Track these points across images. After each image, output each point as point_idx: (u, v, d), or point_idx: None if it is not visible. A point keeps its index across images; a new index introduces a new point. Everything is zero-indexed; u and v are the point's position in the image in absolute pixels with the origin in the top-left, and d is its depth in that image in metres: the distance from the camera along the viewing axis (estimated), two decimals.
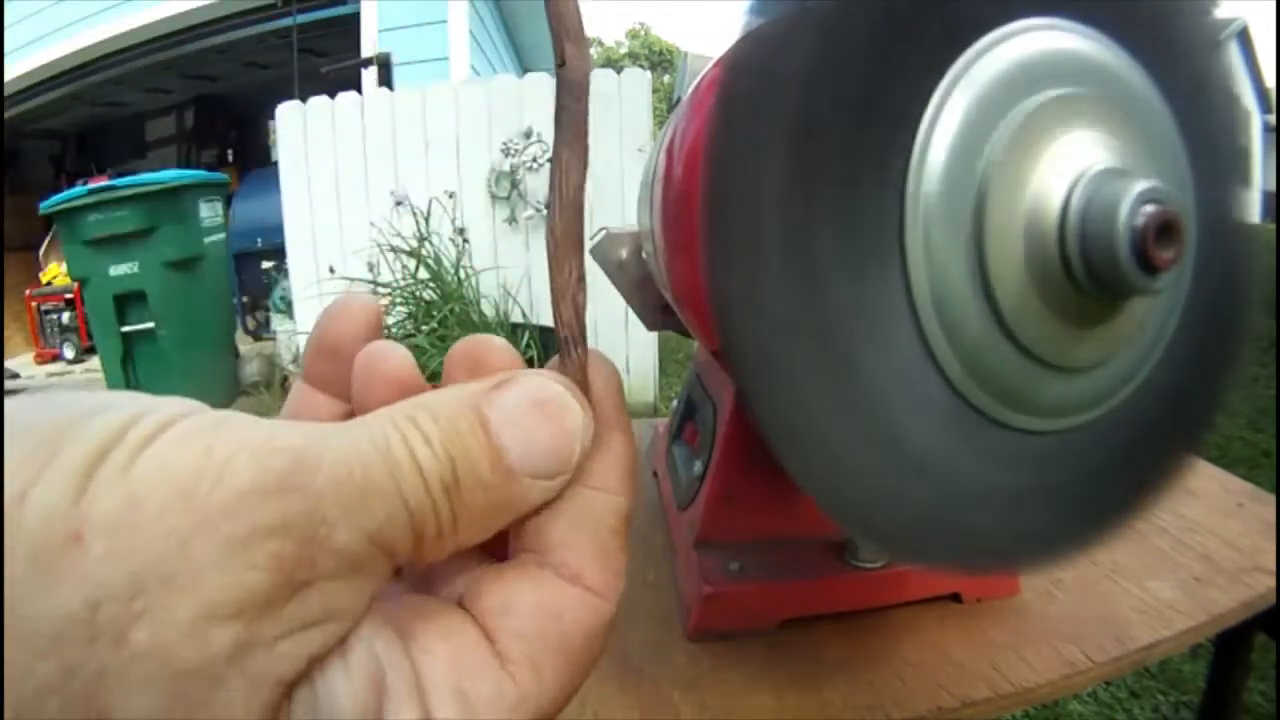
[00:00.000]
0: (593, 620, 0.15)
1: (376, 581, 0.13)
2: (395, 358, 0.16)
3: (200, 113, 6.12)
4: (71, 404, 0.12)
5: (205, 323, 3.05)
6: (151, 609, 0.10)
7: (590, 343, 0.16)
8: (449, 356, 0.17)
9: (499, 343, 0.17)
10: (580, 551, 0.15)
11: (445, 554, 0.14)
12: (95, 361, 3.38)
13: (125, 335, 2.88)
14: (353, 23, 3.22)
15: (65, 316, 4.19)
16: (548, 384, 0.15)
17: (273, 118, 2.69)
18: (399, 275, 2.29)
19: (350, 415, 0.18)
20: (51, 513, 0.10)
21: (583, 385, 0.16)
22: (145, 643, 0.10)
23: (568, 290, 0.16)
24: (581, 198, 0.16)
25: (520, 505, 0.14)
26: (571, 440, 0.15)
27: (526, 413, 0.14)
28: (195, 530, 0.11)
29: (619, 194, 2.45)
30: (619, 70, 2.59)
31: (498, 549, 0.17)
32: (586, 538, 0.15)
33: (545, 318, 2.46)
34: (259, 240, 3.28)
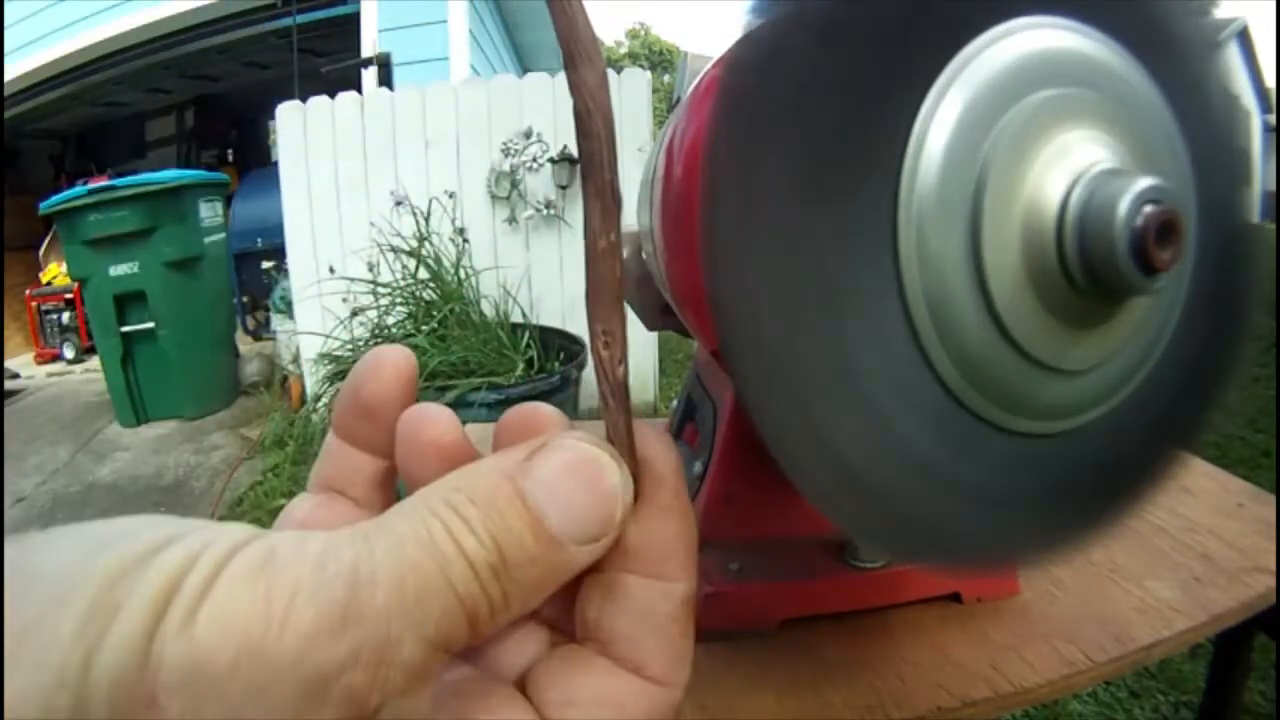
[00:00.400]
0: (655, 710, 0.15)
1: (436, 677, 0.13)
2: (440, 424, 0.17)
3: (200, 113, 6.11)
4: (121, 545, 0.12)
5: (205, 323, 3.05)
6: None
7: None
8: (500, 425, 0.17)
9: (547, 411, 0.17)
10: (641, 643, 0.15)
11: (499, 629, 0.14)
12: (95, 361, 3.38)
13: (125, 335, 2.88)
14: (353, 23, 3.22)
15: (65, 316, 4.19)
16: (582, 446, 0.15)
17: (273, 118, 2.69)
18: (399, 275, 2.29)
19: (392, 472, 0.18)
20: (123, 680, 0.10)
21: (626, 441, 0.16)
22: None
23: (599, 349, 0.16)
24: (614, 249, 0.16)
25: (569, 570, 0.15)
26: (612, 501, 0.15)
27: (563, 478, 0.14)
28: (268, 683, 0.11)
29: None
30: (619, 70, 2.58)
31: (551, 612, 0.17)
32: (646, 628, 0.15)
33: (545, 318, 2.46)
34: (259, 240, 3.28)
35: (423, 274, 2.28)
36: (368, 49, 3.09)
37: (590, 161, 0.15)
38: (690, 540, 0.16)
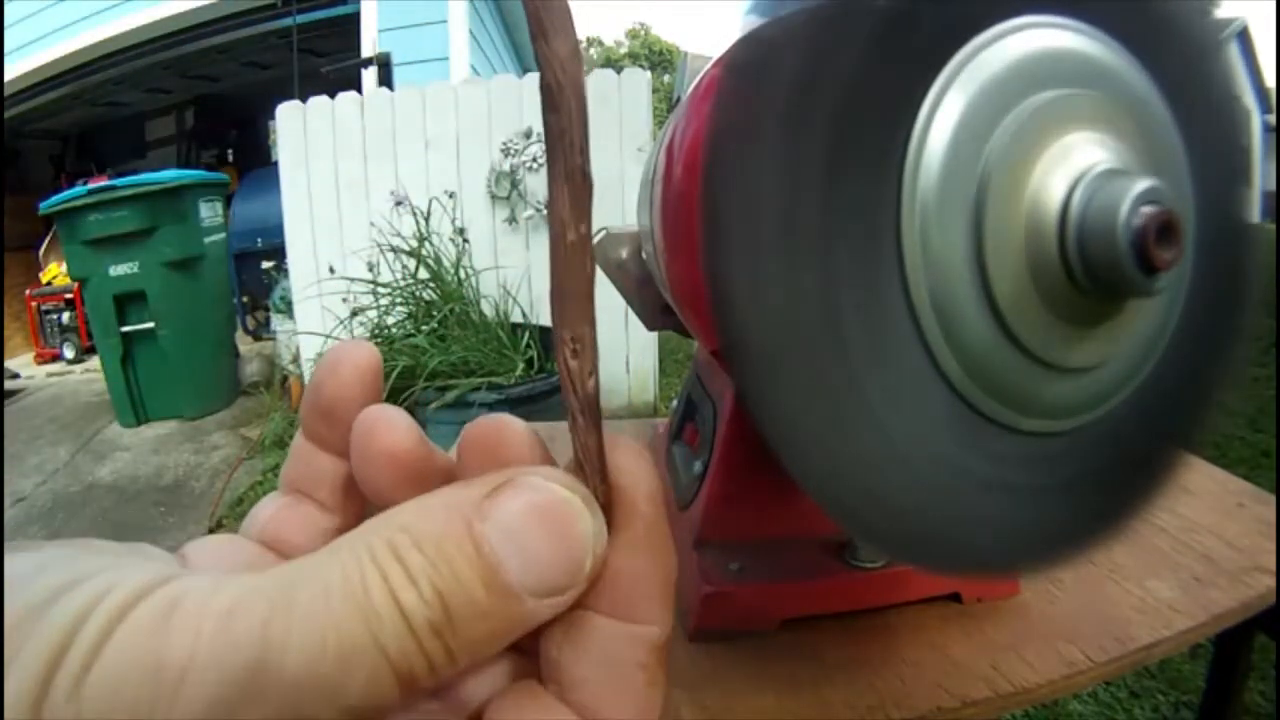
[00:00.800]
0: None
1: None
2: (396, 431, 0.15)
3: (200, 113, 6.12)
4: (28, 586, 0.11)
5: (205, 323, 3.05)
6: None
7: None
8: (463, 440, 0.15)
9: (516, 429, 0.15)
10: (602, 691, 0.14)
11: (448, 682, 0.13)
12: (95, 361, 3.38)
13: (125, 335, 2.88)
14: (353, 23, 3.22)
15: (65, 316, 4.19)
16: (550, 487, 0.13)
17: (273, 118, 2.69)
18: (399, 275, 2.29)
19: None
20: None
21: (596, 464, 0.14)
22: None
23: (565, 358, 0.14)
24: (585, 243, 0.14)
25: (525, 625, 0.13)
26: (580, 551, 0.13)
27: (526, 523, 0.13)
28: None
29: (619, 194, 2.45)
30: (619, 70, 2.58)
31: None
32: (609, 675, 0.14)
33: (545, 318, 2.46)
34: (259, 240, 3.28)
35: (423, 274, 2.28)
36: (368, 49, 3.10)
37: (559, 142, 0.13)
38: (667, 579, 0.14)
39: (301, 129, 2.60)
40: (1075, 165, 0.21)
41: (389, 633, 0.11)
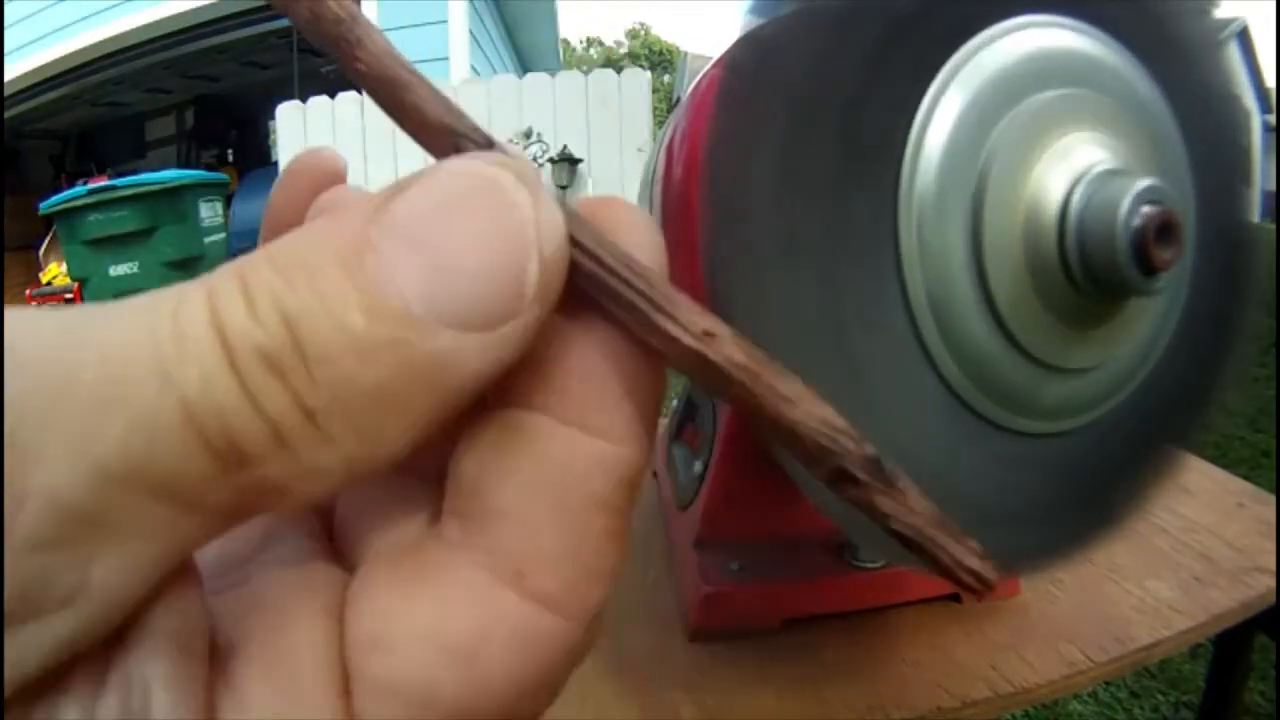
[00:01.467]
0: (533, 649, 0.09)
1: (142, 549, 0.07)
2: (321, 156, 0.12)
3: (200, 113, 6.12)
4: None
5: None
6: None
7: None
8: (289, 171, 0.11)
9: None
10: (535, 533, 0.09)
11: (329, 477, 0.08)
12: None
13: None
14: None
15: None
16: (477, 165, 0.09)
17: (273, 118, 2.70)
18: None
19: None
20: None
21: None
22: None
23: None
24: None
25: (447, 376, 0.08)
26: (519, 250, 0.08)
27: (435, 217, 0.08)
28: None
29: (619, 194, 2.45)
30: (619, 70, 2.59)
31: None
32: (549, 509, 0.09)
33: None
34: (259, 240, 3.27)
35: None
36: None
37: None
38: (651, 385, 0.10)
39: (301, 129, 2.60)
40: (1074, 165, 0.21)
41: (175, 362, 0.07)
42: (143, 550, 0.07)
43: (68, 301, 4.08)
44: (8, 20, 3.81)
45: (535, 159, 2.49)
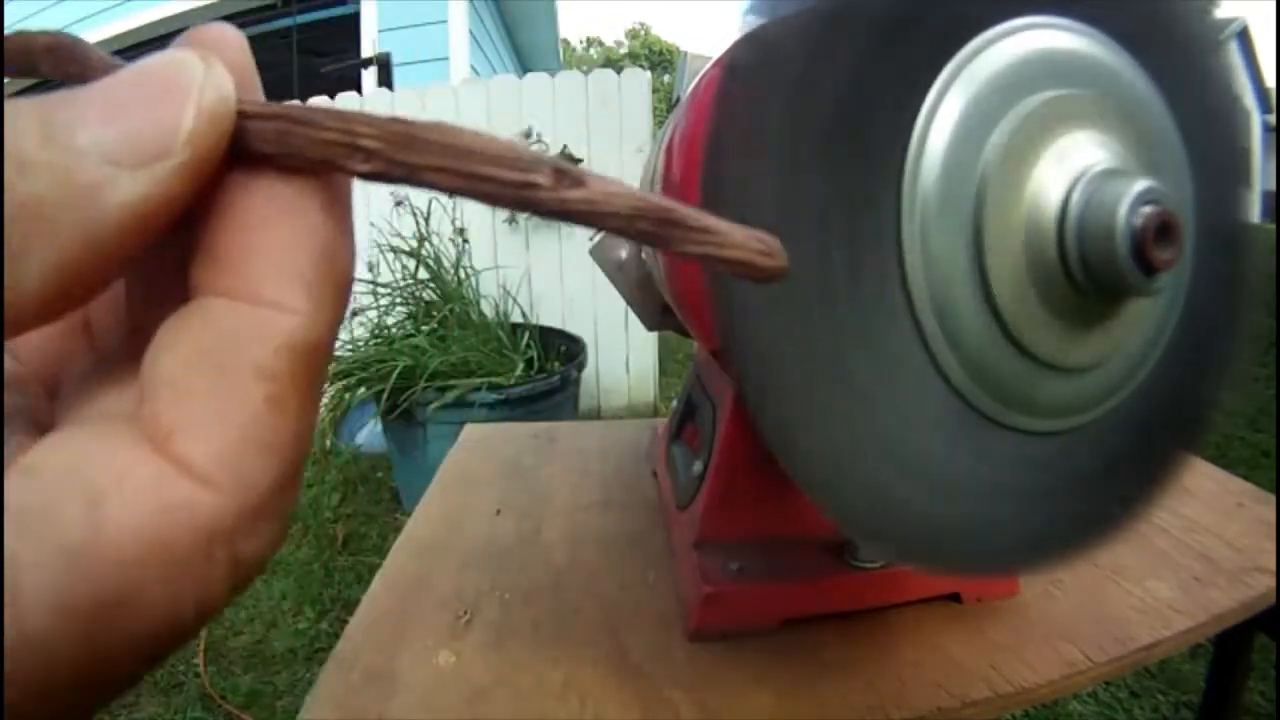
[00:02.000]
0: (168, 513, 0.09)
1: None
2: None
3: None
4: None
5: None
6: None
7: (590, 343, 0.14)
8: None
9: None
10: (188, 399, 0.09)
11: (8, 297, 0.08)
12: None
13: None
14: (353, 23, 3.22)
15: None
16: (172, 49, 0.10)
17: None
18: (399, 275, 2.29)
19: None
20: None
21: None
22: None
23: None
24: None
25: (89, 212, 0.09)
26: (176, 97, 0.09)
27: (109, 85, 0.09)
28: None
29: None
30: (619, 70, 2.59)
31: None
32: (205, 378, 0.09)
33: (545, 318, 2.46)
34: None
35: (423, 274, 2.28)
36: (368, 49, 3.10)
37: None
38: (321, 253, 0.10)
39: None
40: (1074, 165, 0.21)
41: None
42: None
43: None
44: (8, 20, 3.81)
45: None
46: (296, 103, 0.11)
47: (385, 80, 3.01)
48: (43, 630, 0.08)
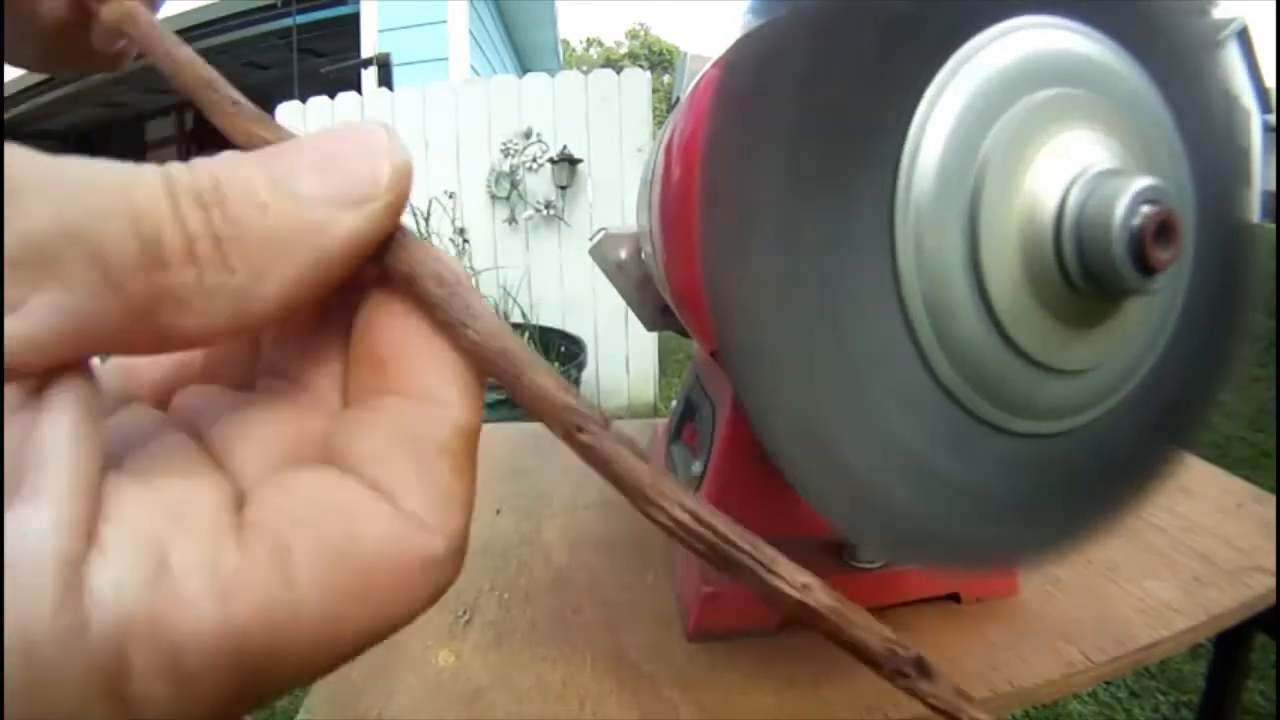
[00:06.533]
0: (400, 546, 0.11)
1: (69, 301, 0.09)
2: None
3: (200, 114, 6.10)
4: None
5: None
6: None
7: (590, 343, 0.15)
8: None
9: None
10: (396, 468, 0.12)
11: (221, 304, 0.11)
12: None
13: None
14: (353, 23, 3.22)
15: None
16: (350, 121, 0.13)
17: (273, 118, 2.69)
18: None
19: None
20: None
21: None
22: None
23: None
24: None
25: (321, 241, 0.11)
26: (377, 154, 0.12)
27: (323, 137, 0.12)
28: None
29: (619, 194, 2.45)
30: (619, 70, 2.59)
31: None
32: (404, 453, 0.12)
33: (545, 318, 2.46)
34: None
35: None
36: (368, 49, 3.10)
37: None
38: (470, 364, 0.13)
39: (302, 129, 2.60)
40: (1072, 164, 0.21)
41: (138, 185, 0.10)
42: (68, 302, 0.09)
43: None
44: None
45: (535, 159, 2.49)
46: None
47: (385, 80, 3.01)
48: (311, 602, 0.10)
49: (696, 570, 0.40)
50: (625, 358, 2.58)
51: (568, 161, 2.45)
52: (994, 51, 0.21)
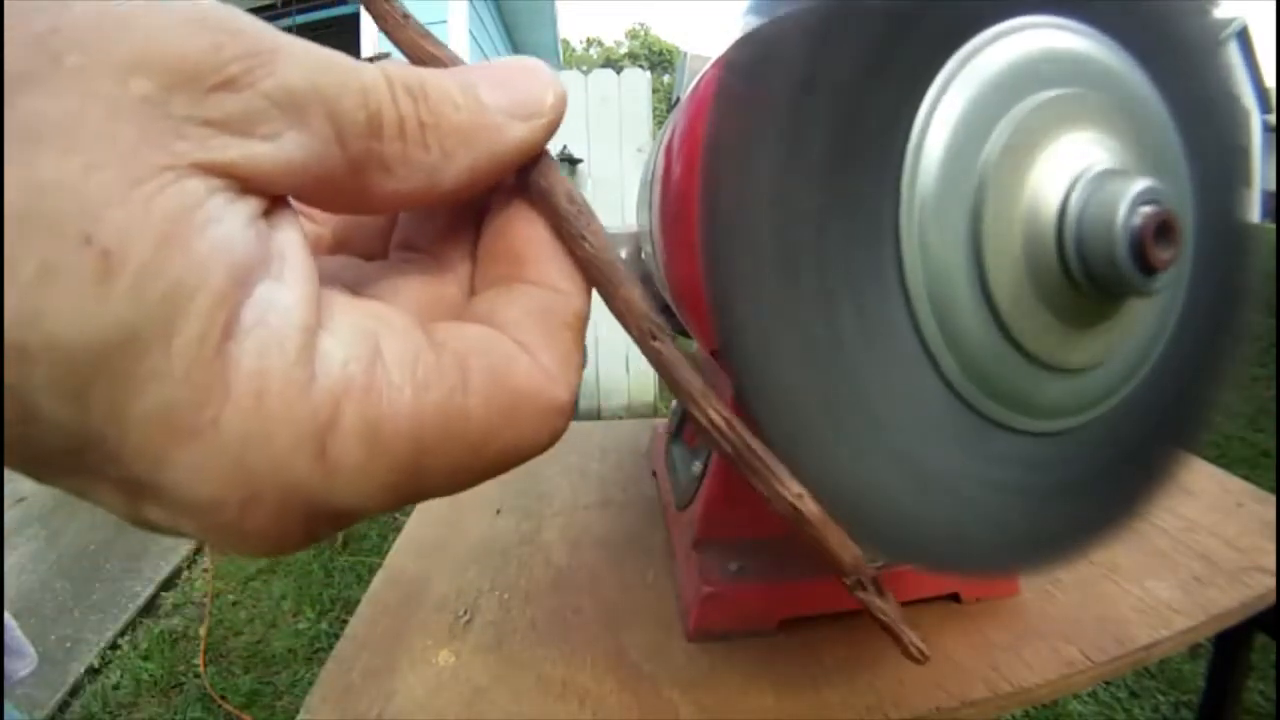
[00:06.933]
0: (539, 388, 0.14)
1: (310, 144, 0.12)
2: None
3: None
4: None
5: None
6: (87, 46, 0.10)
7: (590, 344, 0.16)
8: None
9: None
10: (532, 334, 0.15)
11: (417, 174, 0.13)
12: None
13: None
14: (353, 23, 3.22)
15: None
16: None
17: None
18: None
19: None
20: None
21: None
22: (75, 65, 0.10)
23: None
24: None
25: (497, 140, 0.14)
26: (543, 83, 0.15)
27: (497, 64, 0.15)
28: None
29: (619, 194, 2.45)
30: (619, 70, 2.59)
31: None
32: (538, 324, 0.15)
33: None
34: None
35: None
36: (368, 49, 3.09)
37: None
38: (575, 263, 0.16)
39: None
40: (1073, 165, 0.21)
41: (365, 70, 0.13)
42: (308, 144, 0.12)
43: None
44: None
45: None
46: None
47: None
48: (478, 409, 0.13)
49: (696, 570, 0.40)
50: (625, 357, 2.58)
51: (568, 161, 2.45)
52: (995, 52, 0.21)
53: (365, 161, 0.13)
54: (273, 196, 0.12)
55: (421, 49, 0.16)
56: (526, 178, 0.15)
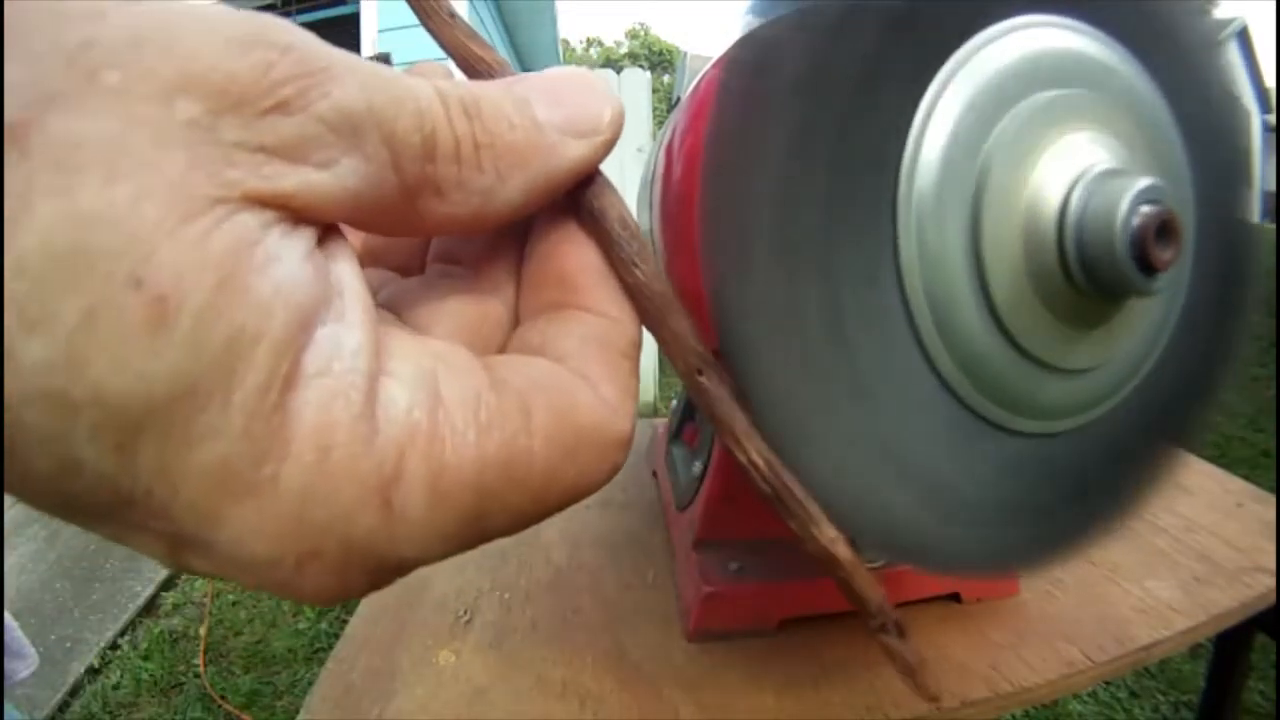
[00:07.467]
0: (602, 422, 0.14)
1: (365, 170, 0.11)
2: None
3: None
4: None
5: None
6: (127, 64, 0.09)
7: None
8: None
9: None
10: (591, 365, 0.14)
11: (471, 197, 0.13)
12: None
13: None
14: (353, 23, 3.22)
15: None
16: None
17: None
18: None
19: None
20: None
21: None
22: (115, 84, 0.09)
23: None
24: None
25: (553, 159, 0.14)
26: (600, 99, 0.14)
27: (553, 76, 0.14)
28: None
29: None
30: (619, 70, 2.59)
31: None
32: (596, 354, 0.14)
33: None
34: None
35: None
36: (368, 49, 3.10)
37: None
38: (627, 292, 0.16)
39: None
40: (1074, 165, 0.21)
41: (420, 89, 0.12)
42: (363, 169, 0.11)
43: None
44: None
45: None
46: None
47: None
48: (541, 450, 0.12)
49: (696, 570, 0.40)
50: None
51: None
52: (995, 51, 0.21)
53: (419, 186, 0.12)
54: (325, 225, 0.11)
55: (468, 50, 0.16)
56: (579, 198, 0.15)
